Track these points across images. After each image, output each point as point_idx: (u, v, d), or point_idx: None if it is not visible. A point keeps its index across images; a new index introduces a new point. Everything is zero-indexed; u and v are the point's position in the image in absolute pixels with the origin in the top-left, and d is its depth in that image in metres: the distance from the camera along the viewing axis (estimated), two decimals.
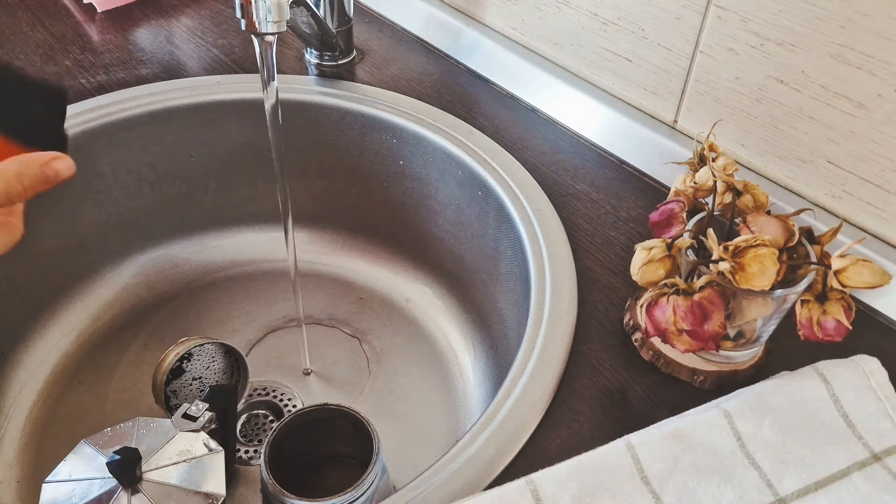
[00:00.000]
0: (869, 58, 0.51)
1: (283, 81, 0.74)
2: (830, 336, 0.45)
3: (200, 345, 0.62)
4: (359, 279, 0.80)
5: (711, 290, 0.44)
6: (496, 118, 0.72)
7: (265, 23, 0.54)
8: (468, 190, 0.68)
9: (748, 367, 0.50)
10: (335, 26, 0.76)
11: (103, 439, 0.50)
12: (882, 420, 0.45)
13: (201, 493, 0.48)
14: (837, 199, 0.58)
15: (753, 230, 0.46)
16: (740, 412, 0.45)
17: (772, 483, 0.42)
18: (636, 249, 0.48)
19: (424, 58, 0.80)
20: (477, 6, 0.79)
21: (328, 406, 0.55)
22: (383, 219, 0.79)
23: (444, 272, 0.77)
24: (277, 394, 0.70)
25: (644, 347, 0.52)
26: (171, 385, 0.62)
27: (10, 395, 0.68)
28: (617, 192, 0.65)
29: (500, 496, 0.41)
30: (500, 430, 0.47)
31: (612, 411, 0.49)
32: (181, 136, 0.74)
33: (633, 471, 0.42)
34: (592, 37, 0.69)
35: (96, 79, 0.75)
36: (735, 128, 0.62)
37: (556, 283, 0.56)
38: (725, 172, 0.50)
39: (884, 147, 0.53)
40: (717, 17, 0.58)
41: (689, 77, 0.63)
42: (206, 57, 0.79)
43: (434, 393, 0.71)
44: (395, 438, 0.67)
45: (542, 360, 0.51)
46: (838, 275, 0.44)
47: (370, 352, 0.74)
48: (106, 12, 0.85)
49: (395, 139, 0.72)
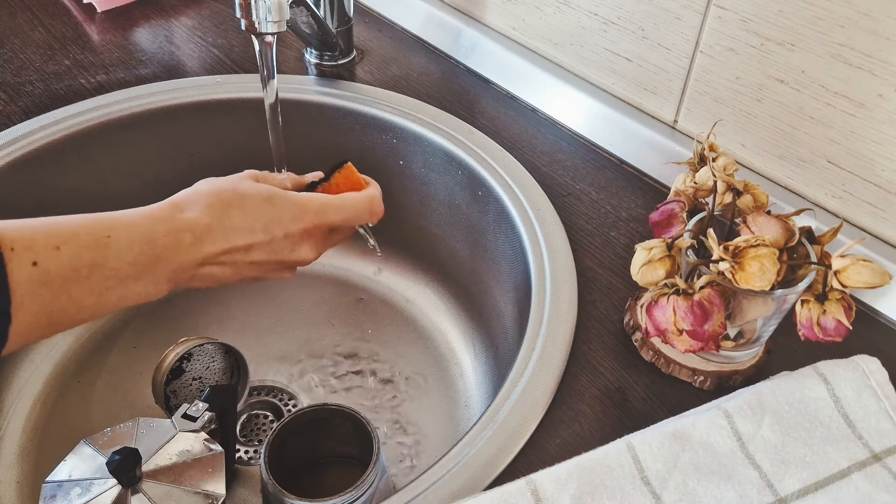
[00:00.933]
0: (869, 58, 0.51)
1: (282, 81, 0.74)
2: (830, 336, 0.45)
3: (200, 345, 0.62)
4: (359, 279, 0.80)
5: (711, 290, 0.44)
6: (496, 118, 0.72)
7: (265, 23, 0.54)
8: (468, 190, 0.68)
9: (748, 367, 0.50)
10: (335, 26, 0.76)
11: (103, 439, 0.50)
12: (882, 420, 0.45)
13: (201, 493, 0.48)
14: (837, 199, 0.58)
15: (753, 230, 0.46)
16: (740, 412, 0.45)
17: (772, 483, 0.42)
18: (636, 249, 0.48)
19: (424, 58, 0.80)
20: (477, 6, 0.79)
21: (328, 406, 0.55)
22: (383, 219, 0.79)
23: (444, 272, 0.77)
24: (277, 394, 0.70)
25: (644, 347, 0.52)
26: (171, 385, 0.62)
27: (10, 395, 0.68)
28: (617, 192, 0.65)
29: (500, 496, 0.41)
30: (501, 430, 0.47)
31: (612, 411, 0.49)
32: (181, 136, 0.74)
33: (633, 471, 0.42)
34: (593, 37, 0.69)
35: (96, 79, 0.75)
36: (735, 128, 0.62)
37: (556, 283, 0.56)
38: (725, 172, 0.50)
39: (884, 147, 0.53)
40: (717, 17, 0.58)
41: (689, 77, 0.63)
42: (206, 57, 0.79)
43: (434, 393, 0.71)
44: (395, 438, 0.67)
45: (542, 360, 0.51)
46: (838, 275, 0.44)
47: (370, 352, 0.74)
48: (106, 12, 0.85)
49: (395, 139, 0.72)
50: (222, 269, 0.45)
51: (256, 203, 0.46)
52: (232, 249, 0.44)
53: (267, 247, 0.46)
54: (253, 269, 0.47)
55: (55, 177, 0.68)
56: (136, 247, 0.40)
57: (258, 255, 0.46)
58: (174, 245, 0.42)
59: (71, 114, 0.69)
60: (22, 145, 0.66)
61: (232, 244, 0.44)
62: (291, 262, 0.48)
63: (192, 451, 0.50)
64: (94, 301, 0.39)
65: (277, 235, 0.46)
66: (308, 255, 0.48)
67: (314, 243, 0.49)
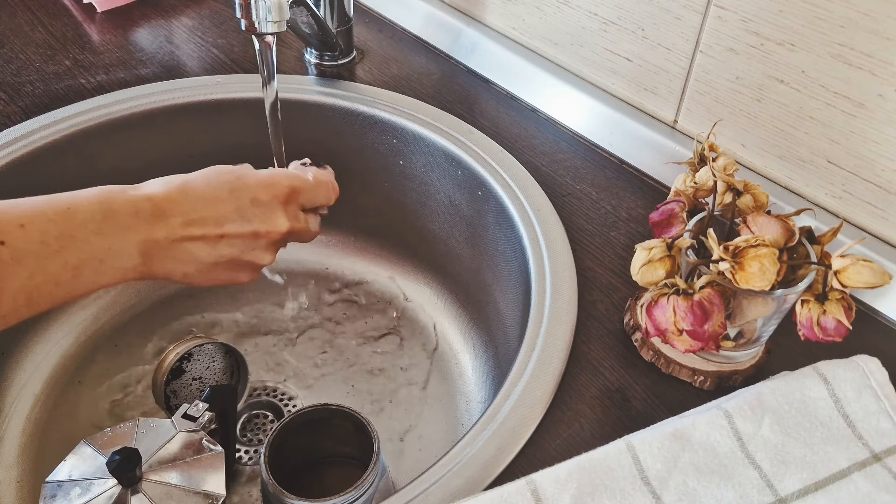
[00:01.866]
0: (869, 58, 0.51)
1: (282, 81, 0.74)
2: (830, 336, 0.45)
3: (200, 345, 0.62)
4: (358, 279, 0.80)
5: (711, 290, 0.44)
6: (496, 118, 0.72)
7: (265, 23, 0.54)
8: (468, 190, 0.68)
9: (748, 367, 0.50)
10: (335, 26, 0.76)
11: (103, 439, 0.50)
12: (882, 420, 0.45)
13: (201, 493, 0.48)
14: (837, 199, 0.58)
15: (753, 230, 0.46)
16: (740, 412, 0.45)
17: (772, 483, 0.42)
18: (636, 249, 0.48)
19: (424, 58, 0.80)
20: (477, 6, 0.79)
21: (328, 406, 0.55)
22: (383, 219, 0.79)
23: (444, 272, 0.77)
24: (277, 394, 0.70)
25: (644, 347, 0.52)
26: (171, 385, 0.62)
27: (10, 395, 0.68)
28: (617, 192, 0.65)
29: (500, 496, 0.41)
30: (500, 430, 0.47)
31: (612, 411, 0.49)
32: (181, 135, 0.74)
33: (633, 471, 0.42)
34: (593, 37, 0.69)
35: (96, 79, 0.75)
36: (735, 128, 0.61)
37: (556, 283, 0.56)
38: (725, 172, 0.50)
39: (884, 147, 0.53)
40: (717, 17, 0.58)
41: (689, 77, 0.63)
42: (206, 57, 0.79)
43: (434, 393, 0.71)
44: (395, 438, 0.67)
45: (542, 360, 0.51)
46: (838, 275, 0.44)
47: (370, 352, 0.74)
48: (106, 12, 0.85)
49: (395, 139, 0.72)
50: (196, 245, 0.44)
51: (220, 173, 0.46)
52: (200, 220, 0.44)
53: (236, 214, 0.45)
54: (229, 245, 0.46)
55: (55, 177, 0.68)
56: (98, 215, 0.41)
57: (231, 227, 0.45)
58: (135, 214, 0.42)
59: (71, 114, 0.69)
60: (22, 145, 0.66)
61: (198, 214, 0.44)
62: (268, 234, 0.47)
63: (192, 451, 0.50)
64: (69, 276, 0.40)
65: (245, 201, 0.46)
66: (282, 224, 0.47)
67: (287, 212, 0.48)
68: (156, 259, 0.43)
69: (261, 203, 0.46)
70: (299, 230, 0.49)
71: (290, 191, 0.48)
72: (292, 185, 0.48)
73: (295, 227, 0.49)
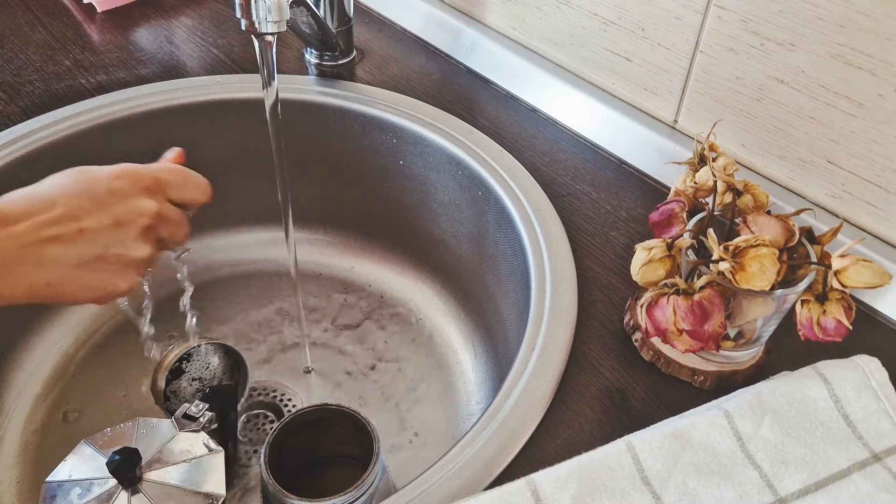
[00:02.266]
0: (869, 58, 0.51)
1: (283, 81, 0.74)
2: (830, 336, 0.45)
3: (200, 345, 0.62)
4: (359, 279, 0.80)
5: (711, 290, 0.44)
6: (496, 118, 0.72)
7: (265, 23, 0.54)
8: (468, 190, 0.68)
9: (748, 367, 0.50)
10: (335, 26, 0.76)
11: (103, 439, 0.50)
12: (882, 420, 0.45)
13: (201, 493, 0.48)
14: (837, 199, 0.58)
15: (753, 230, 0.46)
16: (740, 412, 0.45)
17: (772, 483, 0.42)
18: (636, 249, 0.48)
19: (424, 58, 0.80)
20: (477, 6, 0.79)
21: (328, 406, 0.55)
22: (383, 219, 0.79)
23: (444, 272, 0.77)
24: (277, 394, 0.70)
25: (644, 347, 0.52)
26: (171, 385, 0.62)
27: (10, 395, 0.68)
28: (617, 192, 0.65)
29: (500, 496, 0.41)
30: (501, 430, 0.47)
31: (612, 411, 0.49)
32: (181, 136, 0.74)
33: (633, 471, 0.42)
34: (593, 37, 0.69)
35: (96, 79, 0.75)
36: (735, 128, 0.61)
37: (556, 283, 0.56)
38: (725, 172, 0.50)
39: (884, 147, 0.53)
40: (717, 17, 0.58)
41: (689, 77, 0.63)
42: (206, 57, 0.79)
43: (434, 393, 0.71)
44: (395, 438, 0.67)
45: (542, 360, 0.51)
46: (838, 275, 0.44)
47: (370, 352, 0.74)
48: (106, 12, 0.85)
49: (395, 139, 0.72)
50: (53, 247, 0.40)
51: (66, 173, 0.43)
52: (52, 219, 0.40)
53: (93, 206, 0.42)
54: (90, 242, 0.41)
55: None
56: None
57: (88, 220, 0.41)
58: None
59: (71, 114, 0.69)
60: (22, 145, 0.66)
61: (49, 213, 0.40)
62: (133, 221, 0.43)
63: (192, 451, 0.50)
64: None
65: (100, 192, 0.42)
66: (148, 206, 0.44)
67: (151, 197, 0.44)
68: (10, 271, 0.39)
69: (119, 191, 0.43)
70: (170, 215, 0.45)
71: (153, 181, 0.44)
72: (155, 175, 0.45)
73: (164, 211, 0.45)
